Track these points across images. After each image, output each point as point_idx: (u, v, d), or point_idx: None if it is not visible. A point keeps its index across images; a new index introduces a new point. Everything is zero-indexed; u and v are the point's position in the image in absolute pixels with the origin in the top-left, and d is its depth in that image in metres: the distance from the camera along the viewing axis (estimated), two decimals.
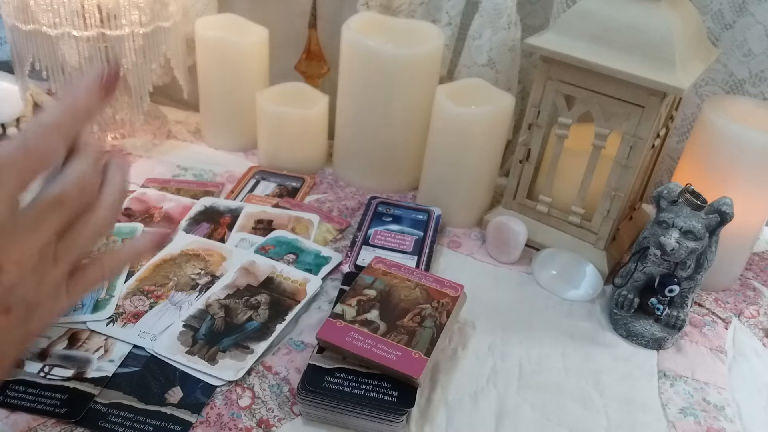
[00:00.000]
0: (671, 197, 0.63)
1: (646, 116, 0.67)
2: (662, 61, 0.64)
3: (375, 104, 0.81)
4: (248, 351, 0.60)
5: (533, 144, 0.76)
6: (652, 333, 0.66)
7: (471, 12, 0.85)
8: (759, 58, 0.76)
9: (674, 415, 0.60)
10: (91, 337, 0.60)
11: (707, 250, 0.64)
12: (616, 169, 0.71)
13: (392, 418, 0.53)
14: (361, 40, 0.77)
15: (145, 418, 0.53)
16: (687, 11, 0.68)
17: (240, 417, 0.54)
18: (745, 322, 0.72)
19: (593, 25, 0.67)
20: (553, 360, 0.64)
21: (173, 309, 0.64)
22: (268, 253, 0.73)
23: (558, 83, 0.71)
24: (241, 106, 0.89)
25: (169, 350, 0.59)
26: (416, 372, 0.54)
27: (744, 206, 0.66)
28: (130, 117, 0.88)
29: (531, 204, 0.79)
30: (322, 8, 0.91)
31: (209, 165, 0.89)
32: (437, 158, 0.79)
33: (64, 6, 0.74)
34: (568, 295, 0.72)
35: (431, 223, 0.79)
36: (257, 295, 0.66)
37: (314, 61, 0.93)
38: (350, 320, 0.58)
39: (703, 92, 0.82)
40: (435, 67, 0.81)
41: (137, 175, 0.85)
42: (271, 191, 0.85)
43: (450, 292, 0.63)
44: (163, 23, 0.81)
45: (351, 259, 0.73)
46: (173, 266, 0.69)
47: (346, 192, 0.87)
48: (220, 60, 0.86)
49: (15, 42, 0.78)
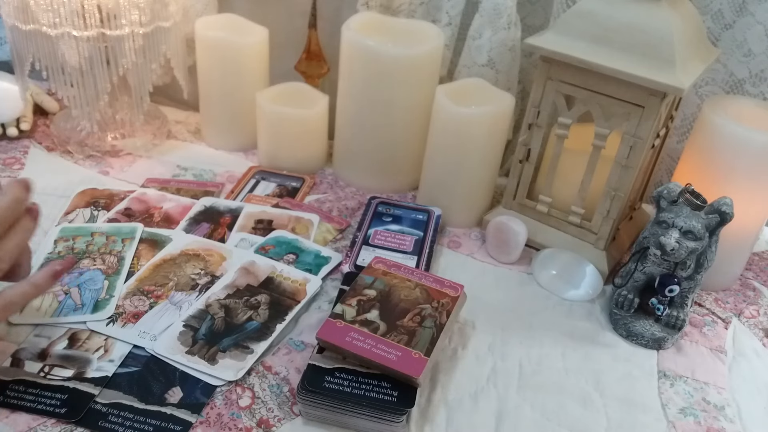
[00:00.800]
0: (671, 197, 0.63)
1: (646, 116, 0.67)
2: (662, 61, 0.64)
3: (375, 104, 0.81)
4: (248, 351, 0.60)
5: (533, 144, 0.76)
6: (652, 333, 0.66)
7: (471, 12, 0.85)
8: (759, 58, 0.76)
9: (674, 415, 0.60)
10: (91, 337, 0.60)
11: (707, 250, 0.64)
12: (616, 169, 0.71)
13: (392, 418, 0.53)
14: (361, 40, 0.77)
15: (145, 418, 0.53)
16: (687, 11, 0.68)
17: (240, 417, 0.54)
18: (745, 322, 0.72)
19: (593, 25, 0.67)
20: (553, 360, 0.64)
21: (173, 309, 0.64)
22: (268, 253, 0.73)
23: (558, 83, 0.71)
24: (241, 106, 0.89)
25: (169, 350, 0.59)
26: (416, 372, 0.54)
27: (744, 206, 0.66)
28: (130, 117, 0.88)
29: (531, 204, 0.79)
30: (322, 8, 0.91)
31: (209, 165, 0.89)
32: (437, 158, 0.79)
33: (64, 6, 0.74)
34: (568, 295, 0.72)
35: (431, 223, 0.79)
36: (257, 295, 0.66)
37: (314, 61, 0.93)
38: (350, 320, 0.58)
39: (703, 92, 0.82)
40: (435, 67, 0.81)
41: (137, 175, 0.85)
42: (271, 191, 0.85)
43: (450, 292, 0.63)
44: (163, 23, 0.81)
45: (351, 259, 0.73)
46: (173, 266, 0.69)
47: (346, 192, 0.87)
48: (220, 60, 0.86)
49: (15, 42, 0.78)
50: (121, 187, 0.82)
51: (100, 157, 0.88)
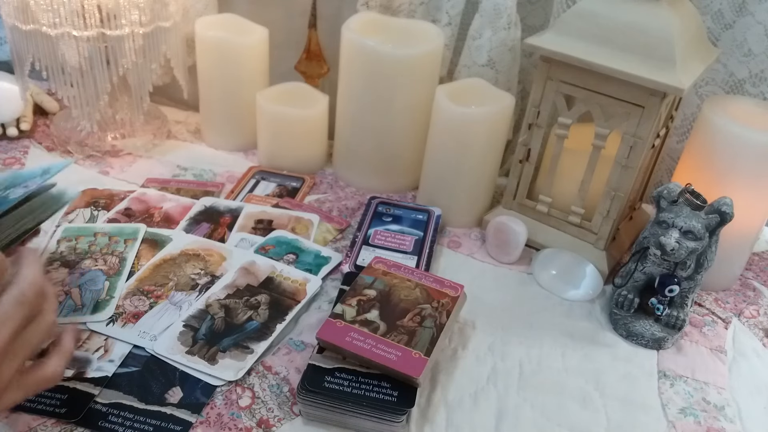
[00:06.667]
0: (671, 197, 0.63)
1: (646, 116, 0.67)
2: (662, 61, 0.64)
3: (375, 104, 0.81)
4: (248, 351, 0.60)
5: (533, 144, 0.76)
6: (652, 333, 0.66)
7: (471, 12, 0.85)
8: (759, 58, 0.76)
9: (674, 415, 0.60)
10: (91, 337, 0.60)
11: (707, 250, 0.64)
12: (616, 169, 0.71)
13: (392, 418, 0.53)
14: (361, 40, 0.77)
15: (145, 418, 0.53)
16: (687, 11, 0.68)
17: (240, 417, 0.54)
18: (745, 322, 0.72)
19: (593, 25, 0.67)
20: (553, 360, 0.64)
21: (173, 309, 0.64)
22: (268, 253, 0.73)
23: (558, 83, 0.71)
24: (241, 106, 0.89)
25: (169, 350, 0.59)
26: (416, 372, 0.54)
27: (744, 206, 0.66)
28: (130, 117, 0.88)
29: (531, 204, 0.79)
30: (322, 8, 0.91)
31: (209, 165, 0.89)
32: (437, 158, 0.79)
33: (64, 6, 0.74)
34: (568, 295, 0.72)
35: (431, 223, 0.79)
36: (257, 295, 0.66)
37: (314, 61, 0.93)
38: (350, 320, 0.58)
39: (703, 92, 0.82)
40: (435, 67, 0.81)
41: (137, 175, 0.85)
42: (271, 191, 0.85)
43: (450, 292, 0.63)
44: (163, 23, 0.82)
45: (351, 259, 0.73)
46: (173, 266, 0.69)
47: (346, 192, 0.87)
48: (220, 60, 0.86)
49: (15, 42, 0.78)
50: (121, 187, 0.82)
51: (100, 157, 0.88)
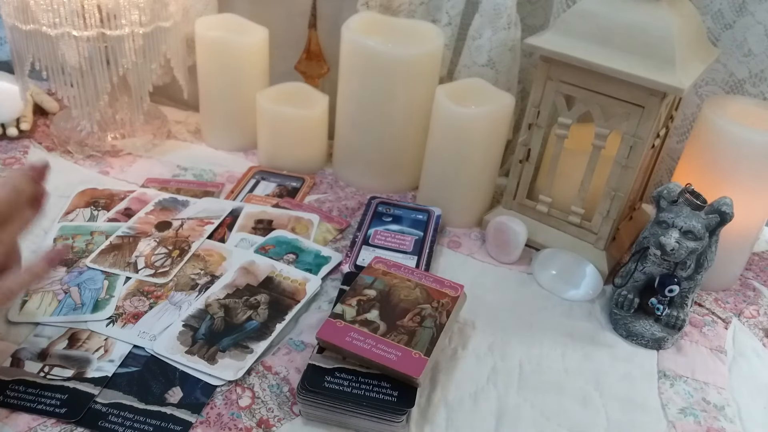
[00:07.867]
0: (671, 197, 0.63)
1: (646, 116, 0.67)
2: (662, 61, 0.64)
3: (375, 104, 0.81)
4: (248, 351, 0.60)
5: (533, 144, 0.76)
6: (652, 333, 0.66)
7: (471, 12, 0.85)
8: (759, 58, 0.76)
9: (674, 415, 0.60)
10: (91, 337, 0.60)
11: (707, 250, 0.64)
12: (616, 169, 0.71)
13: (392, 418, 0.53)
14: (361, 40, 0.77)
15: (145, 418, 0.53)
16: (687, 11, 0.68)
17: (240, 417, 0.54)
18: (745, 322, 0.72)
19: (593, 25, 0.67)
20: (553, 360, 0.64)
21: (173, 309, 0.64)
22: (268, 253, 0.73)
23: (558, 83, 0.71)
24: (241, 106, 0.89)
25: (169, 350, 0.59)
26: (416, 372, 0.54)
27: (744, 206, 0.66)
28: (130, 117, 0.88)
29: (531, 204, 0.79)
30: (322, 8, 0.91)
31: (209, 165, 0.89)
32: (437, 158, 0.79)
33: (64, 6, 0.74)
34: (568, 295, 0.72)
35: (431, 223, 0.79)
36: (257, 295, 0.66)
37: (314, 61, 0.93)
38: (350, 320, 0.58)
39: (703, 92, 0.82)
40: (435, 67, 0.81)
41: (137, 175, 0.85)
42: (271, 191, 0.85)
43: (450, 292, 0.63)
44: (163, 23, 0.81)
45: (351, 259, 0.73)
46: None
47: (346, 192, 0.87)
48: (220, 60, 0.86)
49: (15, 42, 0.78)
50: (121, 187, 0.82)
51: (100, 157, 0.88)
